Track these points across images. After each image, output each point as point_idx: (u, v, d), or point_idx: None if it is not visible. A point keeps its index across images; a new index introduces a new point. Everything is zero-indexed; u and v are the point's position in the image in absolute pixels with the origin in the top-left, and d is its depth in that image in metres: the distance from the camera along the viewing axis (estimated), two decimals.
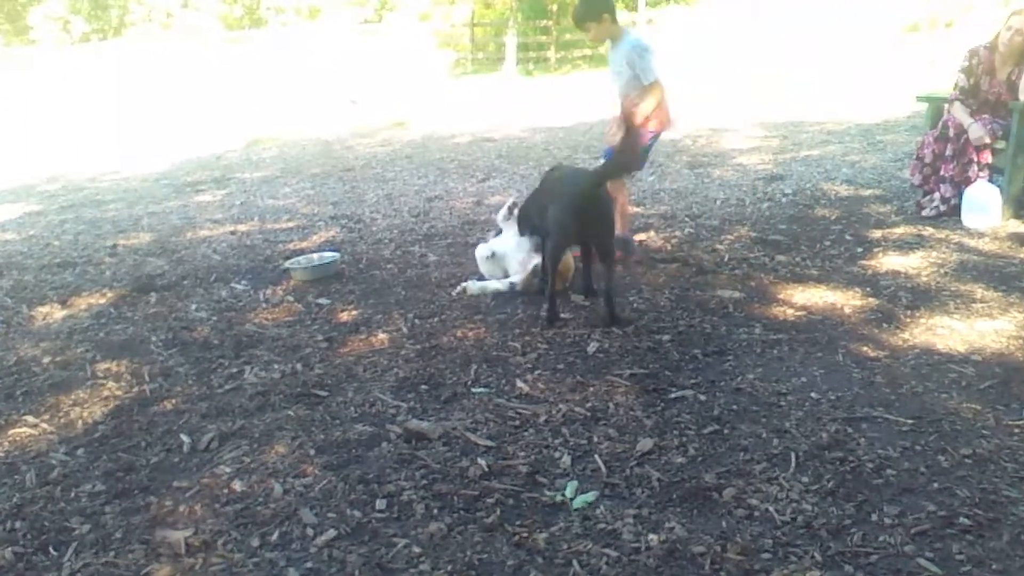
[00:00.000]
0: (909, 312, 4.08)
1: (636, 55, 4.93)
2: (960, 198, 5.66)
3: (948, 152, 5.75)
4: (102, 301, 5.07)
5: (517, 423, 3.15)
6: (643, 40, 5.17)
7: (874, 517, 2.44)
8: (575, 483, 2.69)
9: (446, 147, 11.27)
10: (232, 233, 6.75)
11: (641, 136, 4.89)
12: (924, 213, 5.86)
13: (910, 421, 2.99)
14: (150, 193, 9.21)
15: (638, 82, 4.95)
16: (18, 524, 2.66)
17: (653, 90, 4.94)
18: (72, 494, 2.84)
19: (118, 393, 3.67)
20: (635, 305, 4.39)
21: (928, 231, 5.49)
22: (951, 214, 5.72)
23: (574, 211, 3.99)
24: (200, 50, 24.37)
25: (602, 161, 5.17)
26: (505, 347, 3.91)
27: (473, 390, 3.46)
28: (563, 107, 14.70)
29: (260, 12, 29.19)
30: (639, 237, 5.67)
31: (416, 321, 4.36)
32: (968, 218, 5.56)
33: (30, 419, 3.45)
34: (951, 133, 5.71)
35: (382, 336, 4.17)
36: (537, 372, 3.60)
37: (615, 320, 4.09)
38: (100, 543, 2.53)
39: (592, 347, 3.84)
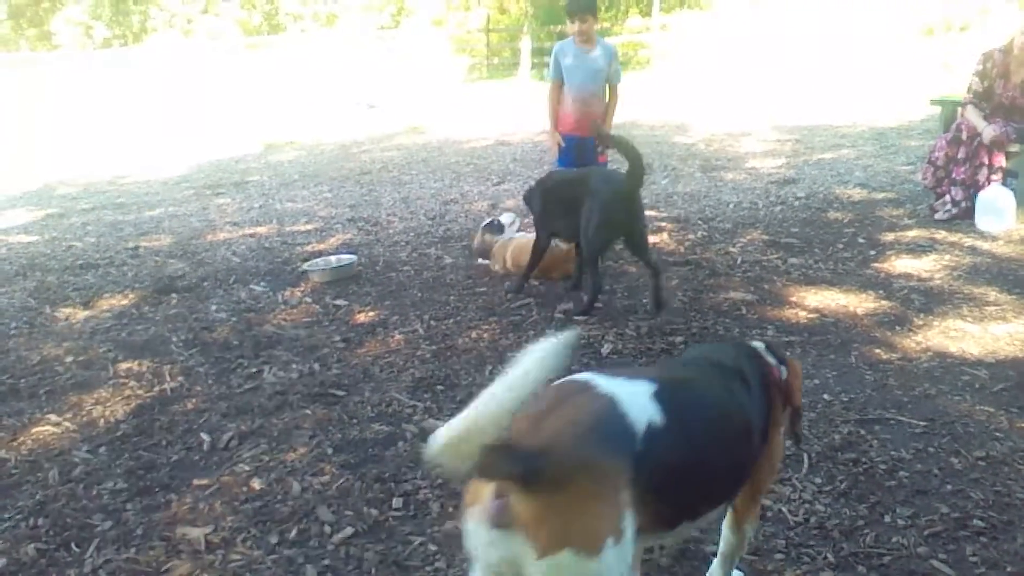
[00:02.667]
0: (922, 315, 4.09)
1: (615, 56, 5.45)
2: (973, 201, 5.65)
3: (961, 155, 5.75)
4: (124, 302, 5.13)
5: None
6: None
7: (887, 518, 2.45)
8: None
9: (462, 151, 11.30)
10: (251, 235, 6.81)
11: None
12: (937, 216, 5.85)
13: (923, 423, 3.00)
14: (170, 196, 9.29)
15: (603, 83, 5.42)
16: (41, 521, 2.71)
17: (617, 93, 5.51)
18: (94, 491, 2.89)
19: (139, 392, 3.73)
20: (648, 307, 4.41)
21: (941, 234, 5.48)
22: (964, 217, 5.71)
23: (620, 210, 4.20)
24: (219, 55, 24.52)
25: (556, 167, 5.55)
26: (520, 348, 3.91)
27: None
28: None
29: (279, 18, 29.33)
30: (652, 240, 5.68)
31: (432, 322, 4.40)
32: (982, 221, 5.54)
33: (53, 418, 3.51)
34: (964, 136, 5.71)
35: (398, 337, 4.22)
36: None
37: (662, 304, 4.28)
38: (121, 540, 2.58)
39: (606, 348, 3.86)
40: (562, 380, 1.61)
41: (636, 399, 1.53)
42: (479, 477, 1.41)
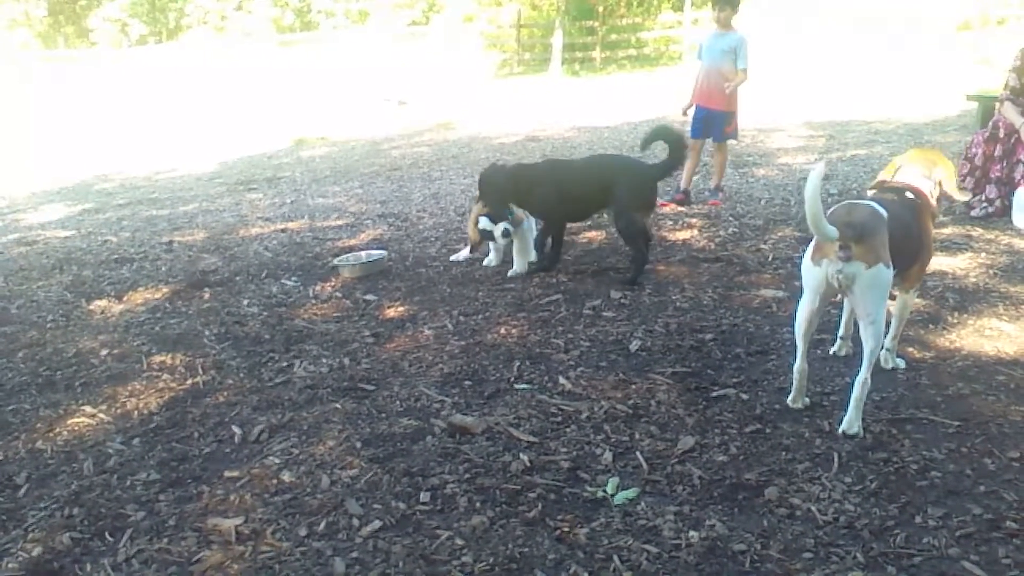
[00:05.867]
0: (956, 313, 4.03)
1: (744, 45, 6.60)
2: (1010, 199, 5.56)
3: (998, 153, 5.66)
4: (158, 296, 5.20)
5: (559, 419, 3.18)
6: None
7: (918, 519, 2.43)
8: (616, 479, 2.72)
9: (492, 147, 11.32)
10: (283, 231, 6.87)
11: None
12: (973, 214, 5.77)
13: (956, 423, 2.96)
14: (204, 191, 9.40)
15: (731, 65, 6.57)
16: (76, 510, 2.76)
17: (744, 74, 6.60)
18: (128, 482, 2.93)
19: (172, 385, 3.78)
20: (678, 304, 4.39)
21: (977, 232, 5.41)
22: (1001, 215, 5.63)
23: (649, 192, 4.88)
24: (252, 52, 24.74)
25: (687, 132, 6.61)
26: (548, 344, 3.95)
27: (516, 386, 3.50)
28: (608, 107, 14.67)
29: (311, 16, 29.49)
30: (683, 236, 5.66)
31: (461, 318, 4.41)
32: (1019, 219, 5.45)
33: (88, 409, 3.57)
34: (1001, 134, 5.62)
35: (427, 332, 4.23)
36: (579, 369, 3.63)
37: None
38: (154, 530, 2.62)
39: (634, 345, 3.85)
40: (847, 202, 3.03)
41: (880, 206, 2.97)
42: (840, 238, 2.77)
